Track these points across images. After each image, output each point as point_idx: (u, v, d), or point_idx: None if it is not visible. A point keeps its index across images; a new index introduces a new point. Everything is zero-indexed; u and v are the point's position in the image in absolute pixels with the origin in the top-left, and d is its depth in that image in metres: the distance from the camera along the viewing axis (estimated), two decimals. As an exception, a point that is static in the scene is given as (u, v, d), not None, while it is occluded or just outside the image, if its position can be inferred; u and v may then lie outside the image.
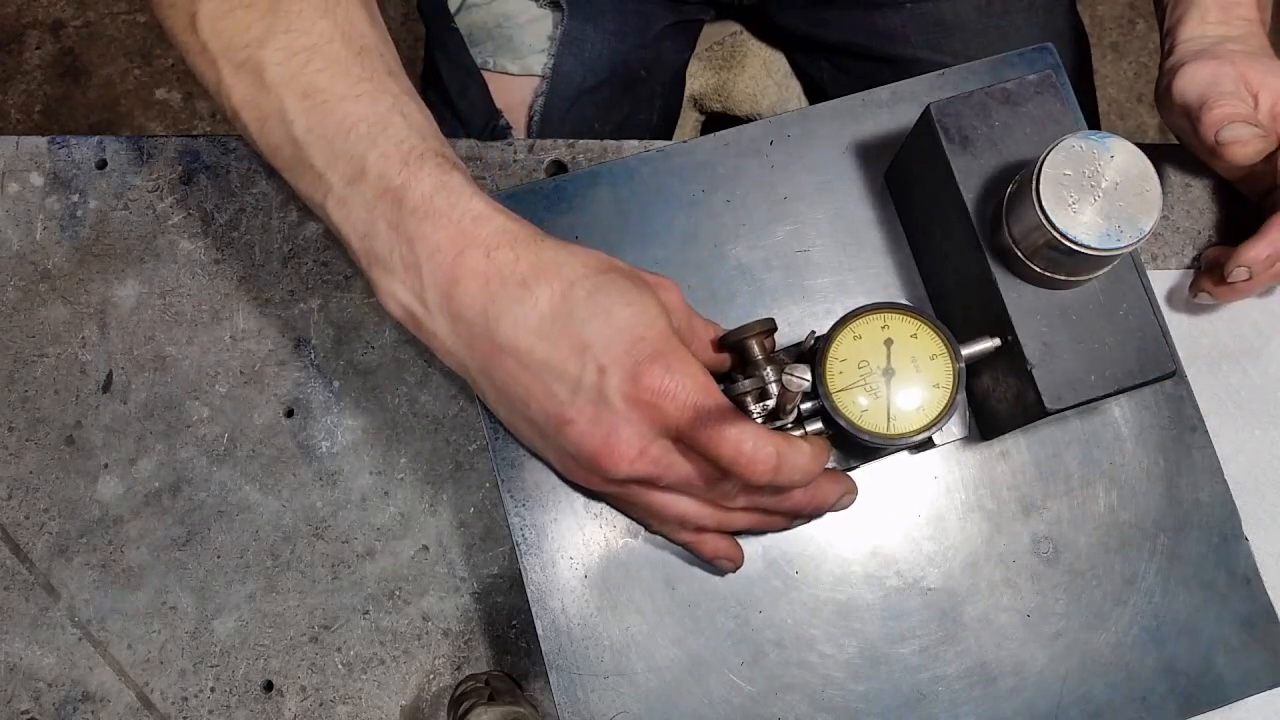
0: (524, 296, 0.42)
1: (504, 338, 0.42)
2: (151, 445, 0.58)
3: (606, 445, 0.42)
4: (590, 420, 0.42)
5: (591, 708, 0.49)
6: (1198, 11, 0.59)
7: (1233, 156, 0.53)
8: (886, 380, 0.44)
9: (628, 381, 0.41)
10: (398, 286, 0.44)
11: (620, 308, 0.42)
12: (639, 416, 0.42)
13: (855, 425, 0.44)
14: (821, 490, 0.46)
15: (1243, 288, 0.55)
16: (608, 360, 0.41)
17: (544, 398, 0.43)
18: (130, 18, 1.59)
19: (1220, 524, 0.51)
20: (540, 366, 0.42)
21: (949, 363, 0.44)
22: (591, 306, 0.42)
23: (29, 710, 0.56)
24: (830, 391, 0.44)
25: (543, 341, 0.42)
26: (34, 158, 0.62)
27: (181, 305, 0.60)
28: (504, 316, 0.42)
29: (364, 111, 0.44)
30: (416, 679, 0.56)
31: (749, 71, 0.86)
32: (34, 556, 0.58)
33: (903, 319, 0.45)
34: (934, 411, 0.44)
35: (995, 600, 0.50)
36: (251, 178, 0.61)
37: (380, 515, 0.57)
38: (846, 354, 0.44)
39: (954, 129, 0.46)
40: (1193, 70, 0.55)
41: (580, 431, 0.42)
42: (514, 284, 0.42)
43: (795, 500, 0.46)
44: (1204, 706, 0.50)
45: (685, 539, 0.48)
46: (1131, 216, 0.41)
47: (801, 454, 0.43)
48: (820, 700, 0.49)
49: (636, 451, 0.42)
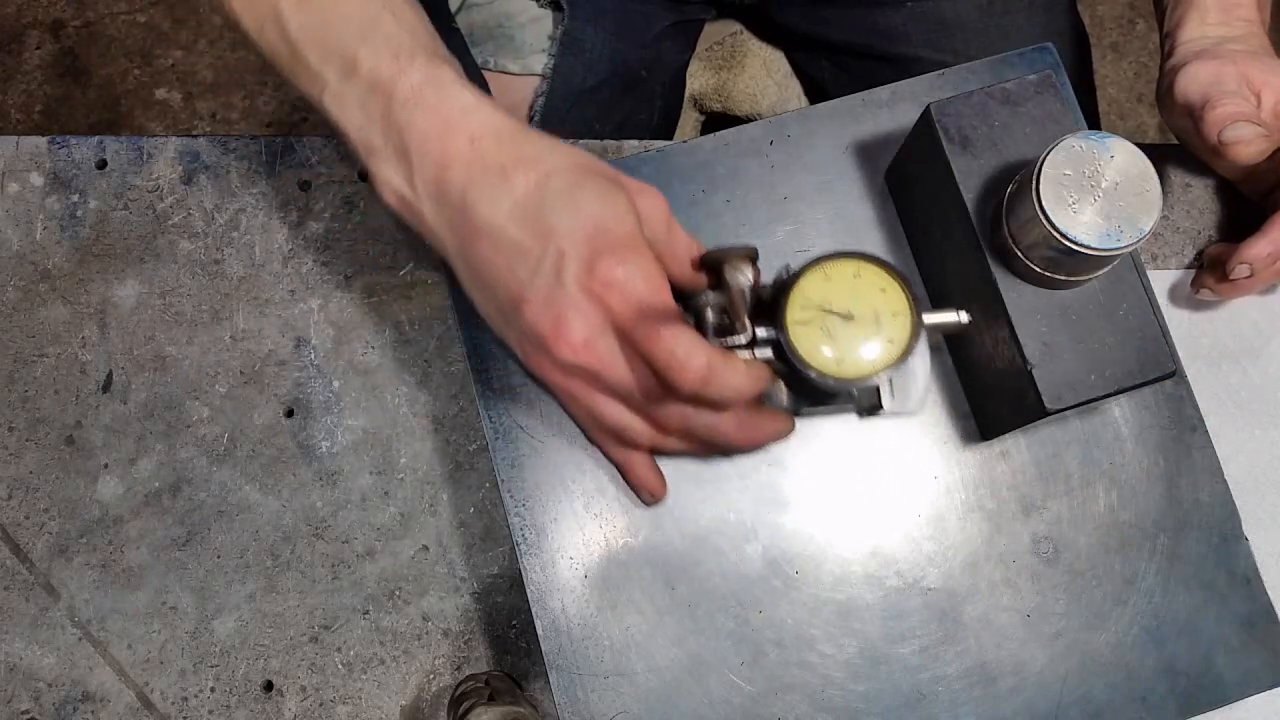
0: (502, 183, 0.44)
1: (480, 219, 0.44)
2: (151, 445, 0.58)
3: (555, 328, 0.43)
4: (544, 302, 0.44)
5: (591, 708, 0.49)
6: (1197, 13, 0.59)
7: (1236, 156, 0.53)
8: (844, 324, 0.44)
9: (582, 269, 0.43)
10: (390, 173, 0.46)
11: (590, 201, 0.44)
12: (588, 305, 0.43)
13: (802, 359, 0.44)
14: (755, 423, 0.47)
15: (1244, 285, 0.55)
16: (568, 246, 0.43)
17: (507, 278, 0.44)
18: (130, 18, 1.59)
19: (1220, 524, 0.51)
20: (508, 247, 0.44)
21: (909, 323, 0.44)
22: (563, 197, 0.44)
23: (29, 710, 0.56)
24: (787, 322, 0.44)
25: (514, 224, 0.44)
26: (34, 158, 0.62)
27: (181, 305, 0.60)
28: (482, 200, 0.44)
29: (355, 10, 0.46)
30: (416, 679, 0.56)
31: (749, 71, 0.86)
32: (34, 556, 0.58)
33: (876, 271, 0.45)
34: (881, 364, 0.44)
35: (995, 600, 0.50)
36: (251, 178, 0.61)
37: (380, 515, 0.57)
38: (813, 291, 0.45)
39: (954, 129, 0.46)
40: (1194, 70, 0.55)
41: (534, 312, 0.44)
42: (494, 171, 0.44)
43: (727, 430, 0.46)
44: (1204, 706, 0.50)
45: (618, 456, 0.50)
46: (1131, 216, 0.41)
47: (735, 372, 0.43)
48: (820, 700, 0.49)
49: (582, 339, 0.43)
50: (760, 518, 0.51)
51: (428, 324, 0.59)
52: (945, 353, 0.52)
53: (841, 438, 0.52)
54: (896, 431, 0.52)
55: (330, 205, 0.60)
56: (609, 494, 0.51)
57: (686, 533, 0.50)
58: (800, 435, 0.51)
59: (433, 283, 0.60)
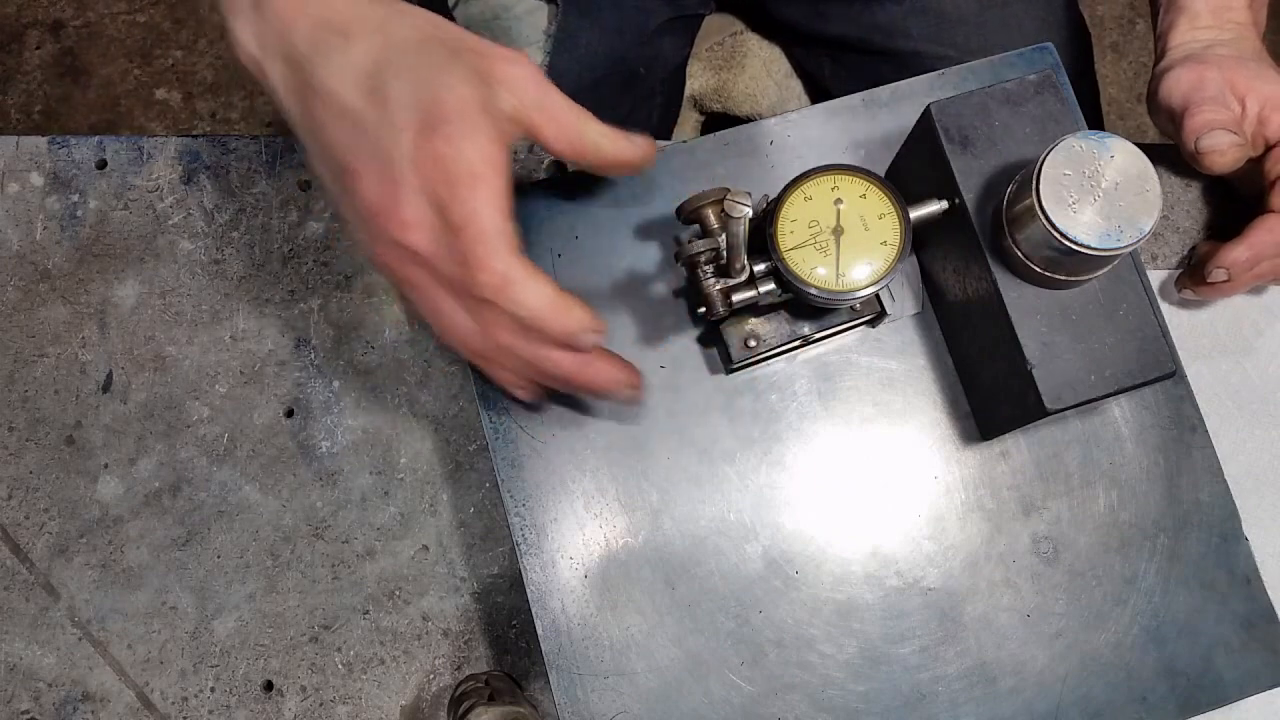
0: (345, 46, 0.42)
1: (320, 83, 0.42)
2: (151, 445, 0.58)
3: (384, 204, 0.41)
4: (376, 176, 0.42)
5: (591, 708, 0.49)
6: (1187, 17, 0.59)
7: (1211, 165, 0.53)
8: (836, 239, 0.45)
9: (414, 143, 0.41)
10: (242, 27, 0.44)
11: (429, 71, 0.42)
12: (418, 182, 0.41)
13: (805, 282, 0.44)
14: (593, 368, 0.45)
15: (1223, 288, 0.55)
16: (403, 120, 0.41)
17: (343, 147, 0.42)
18: (130, 18, 1.59)
19: (1220, 524, 0.51)
20: (345, 115, 0.42)
21: (897, 220, 0.45)
22: (403, 67, 0.42)
23: (29, 710, 0.56)
24: (782, 250, 0.45)
25: (352, 91, 0.42)
26: (34, 158, 0.62)
27: (181, 305, 0.60)
28: (324, 64, 0.42)
29: None
30: (416, 679, 0.56)
31: (749, 72, 0.86)
32: (34, 556, 0.58)
33: (852, 179, 0.45)
34: (883, 269, 0.44)
35: (995, 600, 0.50)
36: (251, 178, 0.61)
37: (380, 515, 0.57)
38: (797, 214, 0.45)
39: (954, 129, 0.46)
40: (1176, 76, 0.55)
41: (365, 186, 0.42)
42: (338, 33, 0.42)
43: (560, 364, 0.44)
44: (1204, 706, 0.50)
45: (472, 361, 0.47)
46: (1131, 216, 0.41)
47: (538, 292, 0.41)
48: (820, 700, 0.49)
49: (412, 218, 0.41)
50: (760, 518, 0.51)
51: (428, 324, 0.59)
52: (945, 353, 0.52)
53: (841, 438, 0.52)
54: (896, 431, 0.52)
55: (330, 205, 0.60)
56: (609, 494, 0.51)
57: (686, 533, 0.50)
58: (800, 435, 0.51)
59: (433, 283, 0.60)
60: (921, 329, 0.52)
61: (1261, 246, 0.54)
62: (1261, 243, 0.54)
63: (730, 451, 0.51)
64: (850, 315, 0.51)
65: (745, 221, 0.42)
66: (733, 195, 0.40)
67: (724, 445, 0.51)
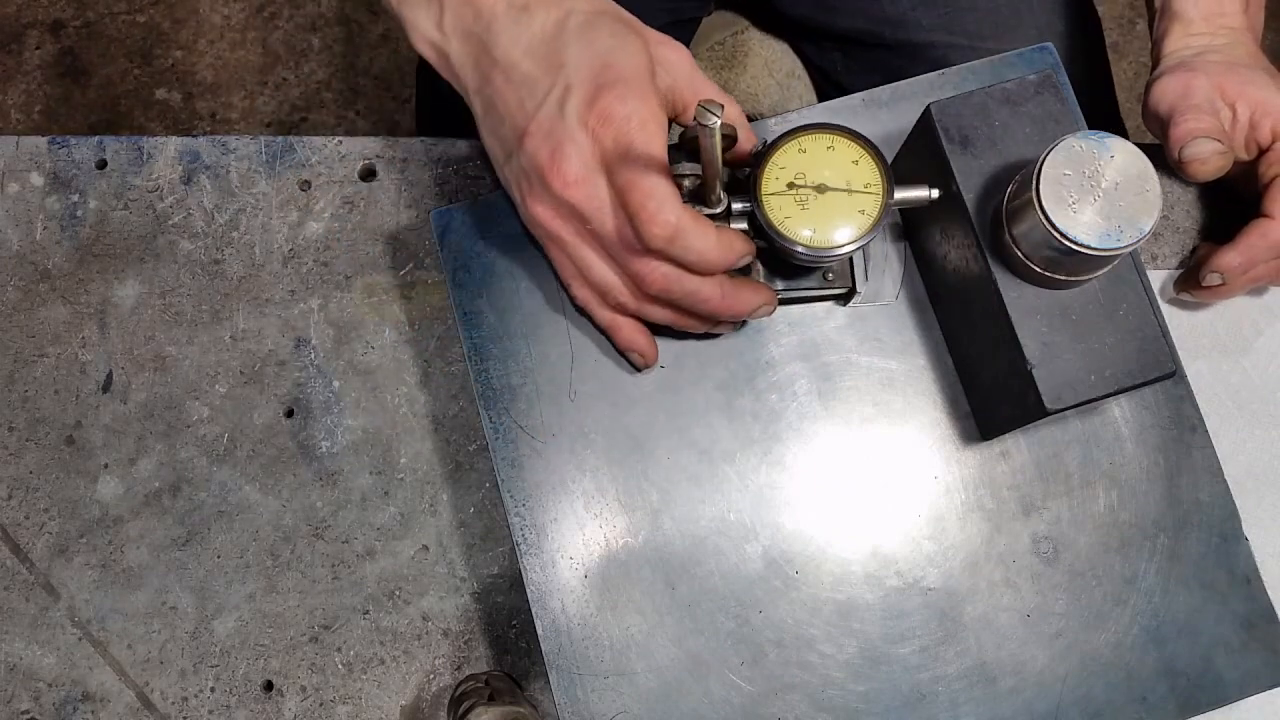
0: (522, 18, 0.46)
1: (499, 53, 0.46)
2: (151, 445, 0.58)
3: (552, 159, 0.44)
4: (544, 133, 0.44)
5: (591, 708, 0.49)
6: (1181, 24, 0.59)
7: (1194, 174, 0.53)
8: (818, 195, 0.45)
9: (584, 102, 0.44)
10: (422, 17, 0.48)
11: (604, 38, 0.45)
12: (585, 139, 0.44)
13: (777, 230, 0.45)
14: (737, 294, 0.47)
15: (1219, 291, 0.55)
16: (575, 80, 0.44)
17: (515, 110, 0.46)
18: (130, 18, 1.59)
19: (1220, 524, 0.51)
20: (520, 80, 0.45)
21: (881, 195, 0.45)
22: (578, 34, 0.45)
23: (29, 710, 0.56)
24: (761, 193, 0.45)
25: (528, 58, 0.45)
26: (34, 158, 0.62)
27: (181, 305, 0.60)
28: (502, 34, 0.46)
29: None
30: (416, 679, 0.56)
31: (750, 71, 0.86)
32: (34, 556, 0.58)
33: (849, 144, 0.46)
34: (853, 237, 0.45)
35: (995, 600, 0.50)
36: (251, 178, 0.61)
37: (380, 515, 0.57)
38: (787, 163, 0.45)
39: (954, 129, 0.46)
40: (1165, 83, 0.55)
41: (534, 143, 0.45)
42: (517, 8, 0.46)
43: (708, 298, 0.47)
44: (1204, 706, 0.50)
45: (604, 318, 0.50)
46: (1131, 216, 0.41)
47: (705, 237, 0.44)
48: (820, 700, 0.49)
49: (575, 174, 0.44)
50: (760, 518, 0.51)
51: (428, 324, 0.59)
52: (945, 353, 0.52)
53: (841, 437, 0.52)
54: (896, 431, 0.52)
55: (330, 205, 0.60)
56: (609, 494, 0.51)
57: (686, 533, 0.50)
58: (800, 435, 0.52)
59: (433, 283, 0.60)
60: (922, 329, 0.52)
61: (1254, 251, 0.54)
62: (1254, 247, 0.54)
63: (730, 451, 0.51)
64: (821, 283, 0.51)
65: (717, 134, 0.42)
66: (704, 103, 0.39)
67: (724, 445, 0.51)
